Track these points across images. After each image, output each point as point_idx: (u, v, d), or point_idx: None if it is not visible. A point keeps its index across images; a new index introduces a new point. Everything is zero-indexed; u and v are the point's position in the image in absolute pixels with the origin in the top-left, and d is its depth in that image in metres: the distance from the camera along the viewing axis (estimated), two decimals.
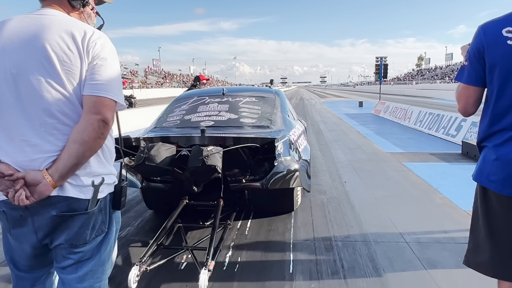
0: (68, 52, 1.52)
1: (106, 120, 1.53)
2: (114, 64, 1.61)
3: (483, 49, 1.67)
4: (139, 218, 4.43)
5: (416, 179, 5.97)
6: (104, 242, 1.72)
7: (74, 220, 1.59)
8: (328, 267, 3.17)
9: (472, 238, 1.90)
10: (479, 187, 1.81)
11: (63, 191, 1.53)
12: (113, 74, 1.59)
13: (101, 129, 1.53)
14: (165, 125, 4.47)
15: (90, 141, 1.50)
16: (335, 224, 4.12)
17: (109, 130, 1.59)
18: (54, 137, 1.53)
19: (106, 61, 1.57)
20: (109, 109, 1.55)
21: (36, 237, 1.60)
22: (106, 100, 1.54)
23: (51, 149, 1.53)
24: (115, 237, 1.81)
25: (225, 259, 3.35)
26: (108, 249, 1.75)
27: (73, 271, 1.67)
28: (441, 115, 11.38)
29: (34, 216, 1.56)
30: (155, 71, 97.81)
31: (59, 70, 1.51)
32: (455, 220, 4.16)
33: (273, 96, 5.10)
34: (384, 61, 23.26)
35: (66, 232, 1.60)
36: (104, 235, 1.71)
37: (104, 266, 1.77)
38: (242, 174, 3.77)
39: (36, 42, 1.52)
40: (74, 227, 1.60)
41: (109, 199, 1.70)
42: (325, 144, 9.74)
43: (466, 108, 1.81)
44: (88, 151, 1.52)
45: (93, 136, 1.51)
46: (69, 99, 1.54)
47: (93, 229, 1.65)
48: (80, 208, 1.58)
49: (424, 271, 3.06)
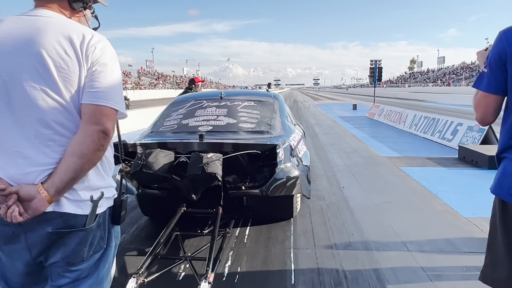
0: (66, 57, 1.41)
1: (106, 131, 1.43)
2: (115, 70, 1.50)
3: (506, 56, 1.59)
4: (134, 225, 4.31)
5: (415, 185, 5.91)
6: (103, 259, 1.61)
7: (71, 237, 1.47)
8: (330, 278, 3.08)
9: (490, 253, 1.82)
10: (498, 201, 1.72)
11: (59, 206, 1.42)
12: (114, 81, 1.48)
13: (101, 140, 1.42)
14: (162, 129, 4.36)
15: (89, 154, 1.40)
16: (336, 232, 4.03)
17: (109, 141, 1.48)
18: (50, 148, 1.42)
19: (106, 67, 1.46)
20: (109, 119, 1.44)
21: (30, 254, 1.48)
22: (106, 109, 1.43)
23: (47, 161, 1.42)
24: (114, 253, 1.69)
25: (224, 270, 3.25)
26: (107, 266, 1.64)
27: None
28: (436, 119, 11.36)
29: (28, 233, 1.44)
30: (148, 72, 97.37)
31: (55, 77, 1.40)
32: (457, 227, 4.10)
33: (272, 100, 5.01)
34: (378, 64, 23.29)
35: (62, 250, 1.48)
36: (103, 251, 1.59)
37: (103, 284, 1.65)
38: (241, 181, 3.68)
39: (30, 46, 1.41)
40: (71, 244, 1.48)
41: (108, 214, 1.59)
42: (321, 147, 9.68)
43: (484, 117, 1.72)
44: (87, 164, 1.41)
45: (92, 148, 1.40)
46: (66, 108, 1.43)
47: (91, 246, 1.53)
48: (78, 225, 1.46)
49: (429, 282, 2.98)
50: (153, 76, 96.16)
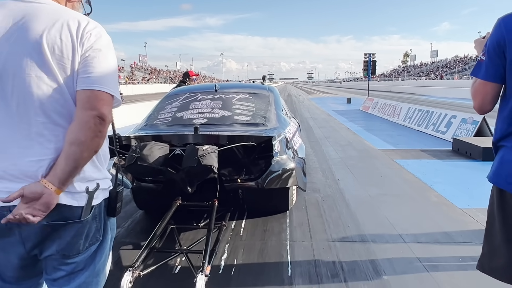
0: (61, 44, 1.37)
1: (102, 115, 1.38)
2: (110, 56, 1.46)
3: (505, 43, 1.57)
4: (129, 219, 4.28)
5: (410, 177, 5.92)
6: (99, 251, 1.58)
7: (67, 229, 1.44)
8: (327, 269, 3.08)
9: (487, 242, 1.81)
10: (496, 189, 1.72)
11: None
12: (109, 66, 1.44)
13: (98, 126, 1.37)
14: (156, 122, 4.32)
15: (88, 141, 1.36)
16: (332, 224, 4.03)
17: (107, 128, 1.42)
18: (44, 138, 1.38)
19: (100, 52, 1.42)
20: (105, 104, 1.39)
21: (24, 248, 1.44)
22: (101, 94, 1.39)
23: (41, 152, 1.38)
24: (110, 245, 1.67)
25: (220, 262, 3.23)
26: (103, 258, 1.61)
27: (65, 283, 1.53)
28: (430, 112, 11.39)
29: (22, 225, 1.40)
30: (141, 67, 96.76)
31: (51, 64, 1.36)
32: (452, 218, 4.11)
33: (267, 92, 4.99)
34: (372, 57, 23.28)
35: (58, 242, 1.45)
36: (99, 244, 1.56)
37: (99, 277, 1.62)
38: (237, 174, 3.65)
39: (25, 32, 1.37)
40: (66, 237, 1.45)
41: (104, 206, 1.56)
42: (316, 141, 9.68)
43: (482, 105, 1.71)
44: (86, 151, 1.37)
45: (90, 135, 1.36)
46: (62, 95, 1.39)
47: (87, 238, 1.50)
48: (73, 217, 1.43)
49: (426, 273, 2.99)
50: (146, 70, 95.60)
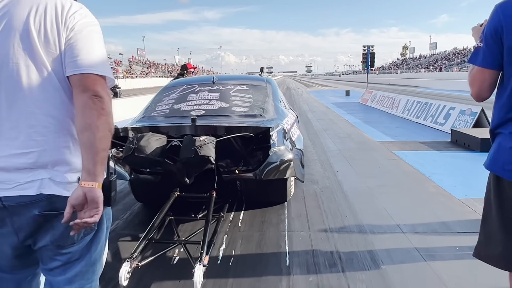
0: (47, 30, 1.35)
1: (97, 94, 1.34)
2: (95, 36, 1.43)
3: (502, 30, 1.56)
4: (127, 211, 4.28)
5: (408, 168, 5.93)
6: (94, 241, 1.57)
7: (59, 220, 1.41)
8: (325, 259, 3.09)
9: (484, 229, 1.81)
10: (492, 176, 1.72)
11: (45, 189, 1.38)
12: (95, 47, 1.41)
13: (98, 104, 1.34)
14: (153, 114, 4.31)
15: (95, 122, 1.33)
16: (330, 215, 4.04)
17: (108, 104, 1.38)
18: (33, 129, 1.37)
19: (84, 34, 1.39)
20: (97, 83, 1.36)
21: (17, 238, 1.43)
22: (90, 76, 1.36)
23: (27, 144, 1.36)
24: (106, 235, 1.66)
25: (219, 253, 3.24)
26: (98, 248, 1.61)
27: (61, 273, 1.52)
28: (429, 104, 11.38)
29: (14, 216, 1.39)
30: (139, 60, 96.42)
31: (39, 52, 1.35)
32: (450, 209, 4.12)
33: (265, 84, 4.97)
34: (371, 49, 23.22)
35: (51, 233, 1.44)
36: (94, 233, 1.56)
37: (95, 266, 1.62)
38: (235, 165, 3.65)
39: (10, 20, 1.35)
40: (59, 227, 1.43)
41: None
42: (314, 133, 9.67)
43: (480, 92, 1.70)
44: (100, 132, 1.34)
45: (94, 115, 1.33)
46: (51, 84, 1.37)
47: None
48: (65, 207, 1.39)
49: (423, 262, 3.00)
50: (145, 64, 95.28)
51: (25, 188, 1.36)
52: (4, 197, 1.36)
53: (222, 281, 2.80)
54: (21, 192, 1.36)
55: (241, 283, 2.77)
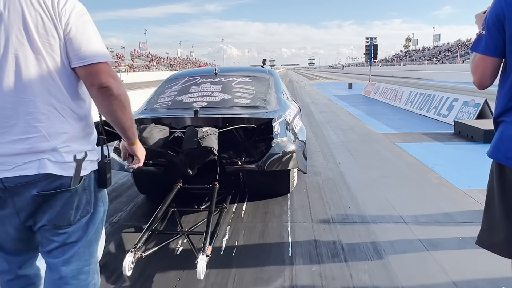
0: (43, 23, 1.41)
1: (102, 84, 1.46)
2: (88, 24, 1.51)
3: (504, 17, 1.55)
4: (131, 203, 4.30)
5: (411, 159, 5.92)
6: (91, 223, 1.64)
7: (57, 199, 1.50)
8: (328, 249, 3.10)
9: (487, 217, 1.81)
10: (495, 165, 1.71)
11: (43, 168, 1.44)
12: (91, 35, 1.49)
13: (106, 93, 1.48)
14: (156, 106, 4.31)
15: (110, 108, 1.53)
16: (332, 206, 4.04)
17: (115, 87, 1.49)
18: (31, 116, 1.42)
19: (79, 25, 1.47)
20: (101, 73, 1.46)
21: (19, 219, 1.50)
22: (94, 66, 1.46)
23: (25, 130, 1.42)
24: (103, 217, 1.74)
25: (222, 244, 3.26)
26: (94, 230, 1.67)
27: (59, 255, 1.59)
28: (432, 95, 11.34)
29: (14, 197, 1.45)
30: (141, 54, 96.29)
31: (37, 42, 1.40)
32: (453, 199, 4.12)
33: (267, 75, 4.96)
34: (374, 41, 23.09)
35: (49, 212, 1.51)
36: (90, 215, 1.63)
37: (92, 247, 1.69)
38: (237, 156, 3.65)
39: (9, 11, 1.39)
40: (56, 206, 1.51)
41: (94, 178, 1.62)
42: (317, 125, 9.66)
43: (482, 80, 1.69)
44: (118, 113, 1.56)
45: (107, 104, 1.52)
46: (49, 74, 1.43)
47: (78, 210, 1.56)
48: (62, 186, 1.49)
49: (426, 252, 3.00)
50: (147, 58, 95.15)
51: (24, 169, 1.42)
52: (5, 178, 1.42)
53: (225, 271, 2.82)
54: (20, 172, 1.42)
55: (244, 273, 2.79)
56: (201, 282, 2.64)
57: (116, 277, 2.77)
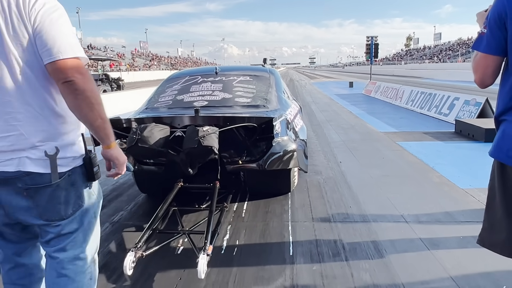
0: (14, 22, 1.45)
1: (66, 79, 1.47)
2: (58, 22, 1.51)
3: (506, 15, 1.54)
4: (131, 202, 4.30)
5: (412, 158, 5.91)
6: (84, 215, 1.73)
7: (41, 194, 1.57)
8: (329, 248, 3.10)
9: (488, 217, 1.81)
10: (497, 164, 1.71)
11: (23, 166, 1.52)
12: (59, 32, 1.49)
13: (70, 88, 1.48)
14: (156, 105, 4.31)
15: (75, 103, 1.50)
16: (333, 205, 4.04)
17: (81, 82, 1.48)
18: (10, 115, 1.49)
19: (46, 23, 1.48)
20: (66, 68, 1.47)
21: (4, 211, 1.59)
22: (58, 62, 1.46)
23: (7, 129, 1.49)
24: (97, 209, 1.82)
25: (222, 243, 3.26)
26: (88, 220, 1.76)
27: (55, 244, 1.69)
28: (433, 94, 11.32)
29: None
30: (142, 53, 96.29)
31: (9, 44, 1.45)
32: (454, 198, 4.11)
33: (268, 74, 4.96)
34: (374, 40, 23.06)
35: (37, 210, 1.59)
36: (83, 209, 1.71)
37: (87, 236, 1.77)
38: (238, 155, 3.65)
39: None
40: (42, 202, 1.58)
41: (82, 173, 1.67)
42: (318, 124, 9.66)
43: (483, 79, 1.69)
44: (84, 109, 1.52)
45: (72, 99, 1.50)
46: (23, 74, 1.48)
47: (68, 204, 1.64)
48: (44, 182, 1.56)
49: (427, 251, 3.00)
50: (147, 57, 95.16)
51: (6, 165, 1.51)
52: None
53: (226, 270, 2.82)
54: (2, 168, 1.51)
55: (245, 272, 2.79)
56: (202, 281, 2.64)
57: (117, 277, 2.77)
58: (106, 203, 4.26)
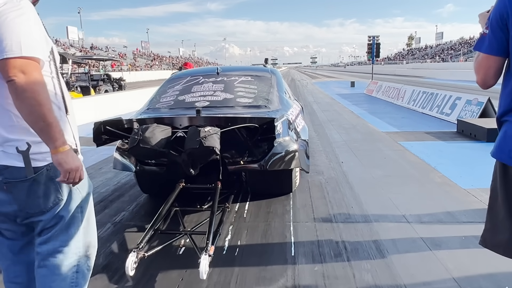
0: None
1: (9, 78, 1.46)
2: (14, 21, 1.50)
3: (508, 16, 1.54)
4: (133, 203, 4.30)
5: (413, 158, 5.91)
6: (66, 209, 1.75)
7: (19, 188, 1.62)
8: (330, 249, 3.10)
9: (490, 217, 1.81)
10: (499, 164, 1.71)
11: (1, 160, 1.58)
12: (11, 31, 1.48)
13: (11, 88, 1.47)
14: (158, 106, 4.32)
15: (16, 103, 1.50)
16: (335, 205, 4.04)
17: (22, 83, 1.47)
18: None
19: (1, 21, 1.49)
20: (10, 68, 1.46)
21: None
22: (3, 61, 1.46)
23: None
24: (83, 203, 1.84)
25: (224, 243, 3.26)
26: (71, 215, 1.78)
27: (41, 236, 1.76)
28: (435, 94, 11.31)
29: None
30: (144, 53, 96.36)
31: None
32: (456, 199, 4.11)
33: (269, 75, 4.96)
34: (376, 40, 23.04)
35: (18, 202, 1.64)
36: (64, 202, 1.74)
37: (69, 230, 1.79)
38: (239, 155, 3.65)
39: None
40: (21, 195, 1.63)
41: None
42: (320, 124, 9.65)
43: (485, 79, 1.68)
44: (25, 110, 1.49)
45: (14, 99, 1.49)
46: None
47: (47, 198, 1.68)
48: (21, 176, 1.60)
49: (428, 251, 3.00)
50: (149, 57, 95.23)
51: None
52: None
53: (228, 271, 2.82)
54: None
55: (247, 273, 2.79)
56: (204, 281, 2.64)
57: (119, 277, 2.77)
58: (108, 203, 4.27)
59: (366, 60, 79.56)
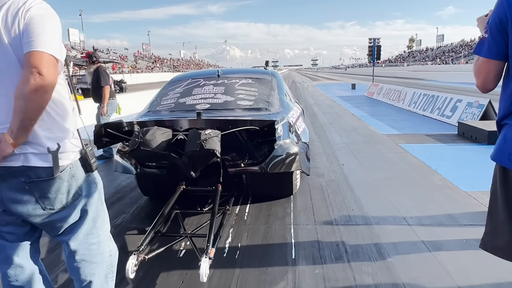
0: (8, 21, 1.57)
1: (40, 71, 1.51)
2: (47, 23, 1.61)
3: (507, 20, 1.54)
4: (134, 205, 4.31)
5: (414, 161, 5.90)
6: (88, 203, 1.86)
7: (44, 186, 1.66)
8: (331, 251, 3.09)
9: (490, 220, 1.81)
10: (499, 168, 1.71)
11: (27, 161, 1.61)
12: (45, 30, 1.58)
13: (37, 80, 1.51)
14: (159, 108, 4.32)
15: (29, 94, 1.50)
16: (336, 208, 4.04)
17: (49, 83, 1.55)
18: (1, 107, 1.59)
19: (34, 20, 1.57)
20: (43, 61, 1.53)
21: (4, 204, 1.66)
22: (36, 53, 1.53)
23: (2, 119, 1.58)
24: (100, 195, 1.96)
25: (225, 246, 3.26)
26: (94, 208, 1.90)
27: (69, 233, 1.84)
28: (435, 96, 11.30)
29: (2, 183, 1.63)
30: (145, 55, 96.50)
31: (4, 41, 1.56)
32: (457, 201, 4.10)
33: (270, 77, 4.97)
34: (377, 42, 23.06)
35: (41, 200, 1.68)
36: (85, 197, 1.83)
37: (96, 222, 1.93)
38: (240, 158, 3.66)
39: None
40: (46, 192, 1.68)
41: (81, 165, 1.80)
42: (320, 127, 9.65)
43: (485, 83, 1.69)
44: (30, 104, 1.52)
45: (31, 89, 1.50)
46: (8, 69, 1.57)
47: (69, 194, 1.75)
48: (47, 175, 1.65)
49: (429, 253, 2.99)
50: (150, 59, 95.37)
51: (12, 160, 1.59)
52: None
53: (228, 273, 2.82)
54: (8, 163, 1.59)
55: (247, 275, 2.79)
56: (204, 284, 2.64)
57: (119, 280, 2.75)
58: (109, 205, 4.25)
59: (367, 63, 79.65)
